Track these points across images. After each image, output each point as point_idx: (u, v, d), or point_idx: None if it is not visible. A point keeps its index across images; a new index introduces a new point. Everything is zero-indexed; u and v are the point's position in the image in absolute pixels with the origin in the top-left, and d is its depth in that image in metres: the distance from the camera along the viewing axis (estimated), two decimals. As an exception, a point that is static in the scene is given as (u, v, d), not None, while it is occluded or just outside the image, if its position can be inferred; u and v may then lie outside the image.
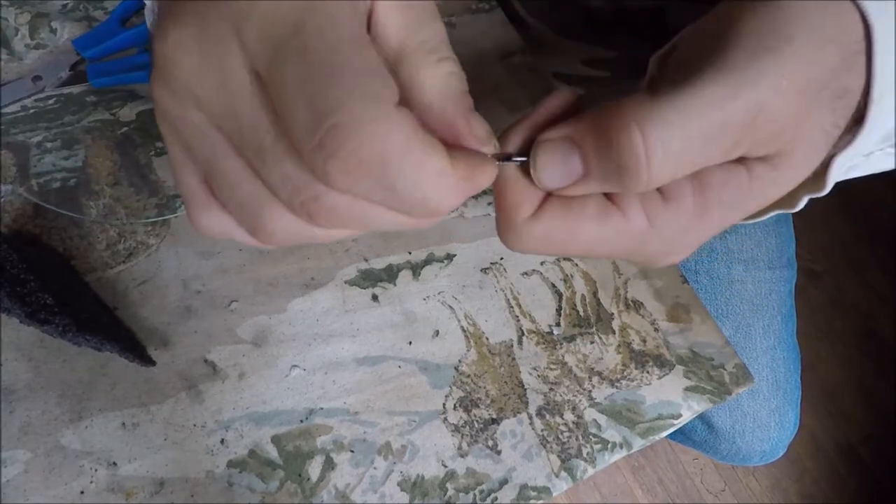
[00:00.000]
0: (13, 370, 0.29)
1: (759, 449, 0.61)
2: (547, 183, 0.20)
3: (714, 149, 0.18)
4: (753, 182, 0.19)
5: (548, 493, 0.30)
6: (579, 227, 0.20)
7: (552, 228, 0.20)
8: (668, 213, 0.20)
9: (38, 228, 0.32)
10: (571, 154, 0.19)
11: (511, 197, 0.21)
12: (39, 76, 0.35)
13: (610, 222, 0.20)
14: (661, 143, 0.17)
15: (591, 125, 0.19)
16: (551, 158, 0.19)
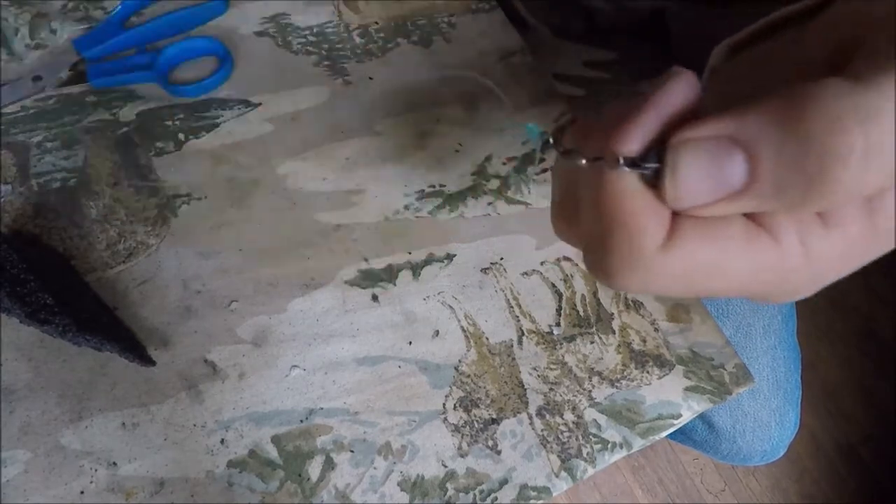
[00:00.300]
0: (13, 370, 0.29)
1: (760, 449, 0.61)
2: (690, 197, 0.15)
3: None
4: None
5: (548, 493, 0.30)
6: (727, 259, 0.16)
7: (695, 260, 0.15)
8: (828, 241, 0.15)
9: (38, 228, 0.32)
10: (732, 158, 0.14)
11: (638, 219, 0.15)
12: (39, 76, 0.35)
13: (760, 251, 0.15)
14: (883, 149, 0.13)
15: (770, 118, 0.14)
16: (703, 163, 0.14)
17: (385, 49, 0.40)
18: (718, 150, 0.14)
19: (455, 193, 0.36)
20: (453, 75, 0.38)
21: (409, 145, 0.37)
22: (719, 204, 0.15)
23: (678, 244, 0.15)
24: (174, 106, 0.36)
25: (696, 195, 0.14)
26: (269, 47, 0.39)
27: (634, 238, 0.15)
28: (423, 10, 0.42)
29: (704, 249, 0.15)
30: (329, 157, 0.36)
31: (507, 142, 0.38)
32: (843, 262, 0.16)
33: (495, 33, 0.42)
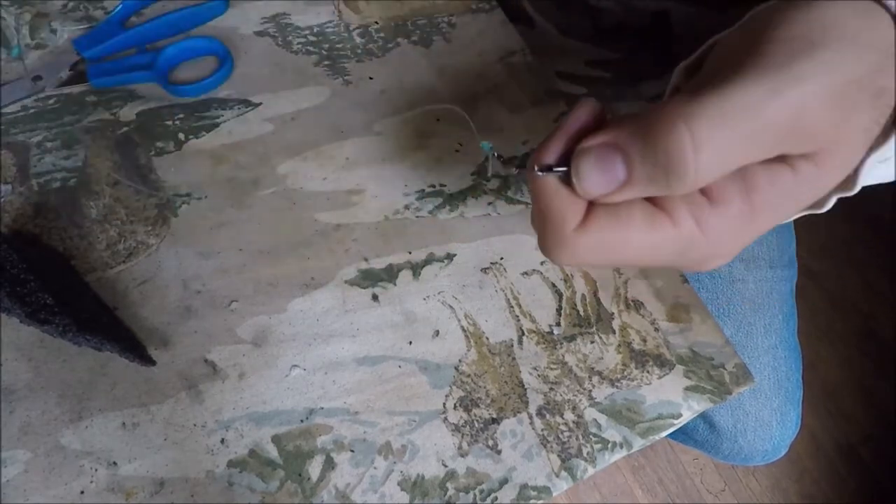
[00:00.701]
0: (13, 370, 0.29)
1: (762, 448, 0.61)
2: (591, 190, 0.20)
3: (757, 147, 0.18)
4: (798, 181, 0.19)
5: (548, 492, 0.30)
6: (629, 235, 0.20)
7: (603, 238, 0.20)
8: (717, 216, 0.20)
9: (38, 228, 0.32)
10: (614, 159, 0.19)
11: (557, 209, 0.21)
12: (39, 76, 0.35)
13: (659, 228, 0.20)
14: (708, 141, 0.17)
15: (634, 128, 0.19)
16: (594, 165, 0.19)
17: (385, 49, 0.40)
18: (605, 154, 0.19)
19: (455, 193, 0.36)
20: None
21: (409, 145, 0.37)
22: (615, 193, 0.20)
23: (590, 226, 0.20)
24: (174, 106, 0.36)
25: (595, 187, 0.20)
26: (269, 47, 0.39)
27: (556, 223, 0.21)
28: (423, 10, 0.42)
29: (611, 228, 0.20)
30: (329, 157, 0.36)
31: (507, 142, 0.38)
32: (734, 234, 0.20)
33: (495, 33, 0.42)
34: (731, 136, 0.17)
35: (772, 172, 0.20)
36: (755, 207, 0.20)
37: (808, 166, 0.19)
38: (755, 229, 0.20)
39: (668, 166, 0.18)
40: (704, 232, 0.20)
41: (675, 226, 0.20)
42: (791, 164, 0.20)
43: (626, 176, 0.19)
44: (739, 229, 0.20)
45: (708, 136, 0.17)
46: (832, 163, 0.20)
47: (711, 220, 0.20)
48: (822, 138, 0.19)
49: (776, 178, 0.20)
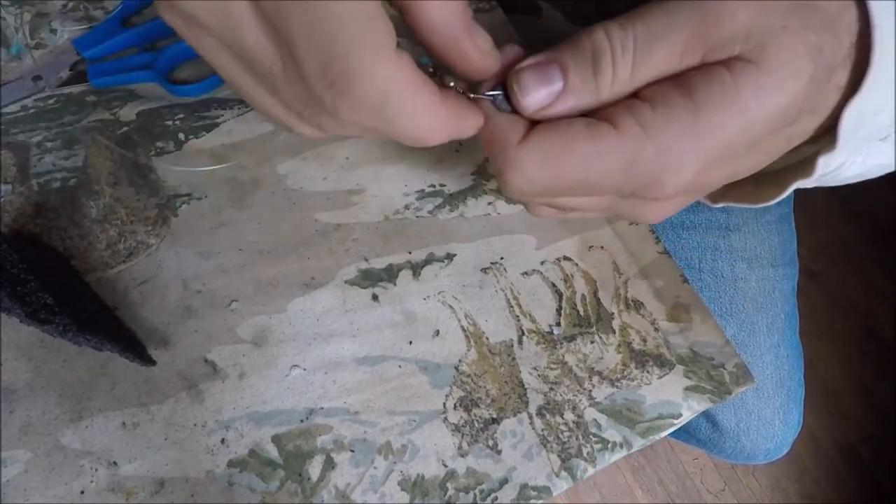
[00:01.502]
0: (13, 370, 0.29)
1: (764, 447, 0.61)
2: (532, 103, 0.21)
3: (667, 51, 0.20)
4: (738, 81, 0.19)
5: (548, 492, 0.30)
6: (573, 144, 0.20)
7: (545, 149, 0.20)
8: (660, 117, 0.20)
9: (38, 228, 0.32)
10: (551, 69, 0.20)
11: (500, 126, 0.21)
12: (39, 76, 0.35)
13: (602, 135, 0.20)
14: (621, 41, 0.20)
15: (565, 43, 0.21)
16: (533, 77, 0.20)
17: (385, 49, 0.40)
18: (543, 66, 0.21)
19: (455, 193, 0.36)
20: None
21: (409, 145, 0.37)
22: (554, 104, 0.21)
23: (531, 139, 0.21)
24: (174, 105, 0.36)
25: (536, 99, 0.20)
26: (268, 47, 0.39)
27: (500, 142, 0.21)
28: (423, 9, 0.42)
29: (552, 138, 0.20)
30: (329, 157, 0.36)
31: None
32: (681, 138, 0.20)
33: (495, 33, 0.42)
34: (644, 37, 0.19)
35: (708, 75, 0.19)
36: (698, 106, 0.19)
37: (744, 67, 0.19)
38: (703, 133, 0.20)
39: (595, 65, 0.20)
40: (649, 135, 0.20)
41: (619, 130, 0.20)
42: (727, 66, 0.19)
43: (563, 84, 0.20)
44: (687, 133, 0.20)
45: (622, 37, 0.20)
46: (771, 67, 0.19)
47: (655, 121, 0.20)
48: (736, 39, 0.19)
49: (712, 76, 0.19)
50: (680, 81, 0.20)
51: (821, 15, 0.19)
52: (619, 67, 0.20)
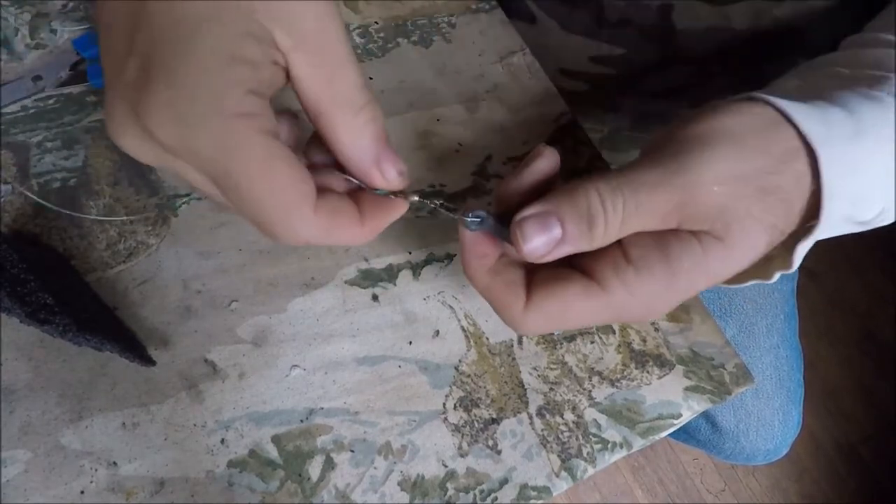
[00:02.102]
0: (13, 370, 0.29)
1: (764, 448, 0.61)
2: (535, 250, 0.24)
3: (649, 216, 0.23)
4: (707, 252, 0.23)
5: (548, 492, 0.30)
6: (569, 306, 0.24)
7: (548, 312, 0.25)
8: (642, 281, 0.24)
9: (38, 228, 0.32)
10: (551, 220, 0.24)
11: (503, 300, 0.25)
12: (39, 76, 0.35)
13: (594, 296, 0.24)
14: (612, 203, 0.23)
15: (562, 196, 0.24)
16: (536, 228, 0.24)
17: (385, 49, 0.40)
18: (545, 218, 0.24)
19: (455, 193, 0.36)
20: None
21: (409, 145, 0.37)
22: (554, 250, 0.24)
23: (533, 306, 0.25)
24: (174, 106, 0.36)
25: (539, 246, 0.24)
26: (269, 47, 0.39)
27: (506, 310, 0.26)
28: (423, 10, 0.42)
29: (553, 304, 0.24)
30: (329, 157, 0.36)
31: (507, 142, 0.38)
32: (658, 295, 0.24)
33: (495, 33, 0.42)
34: (627, 203, 0.23)
35: (683, 243, 0.24)
36: (674, 272, 0.23)
37: (711, 241, 0.23)
38: (678, 290, 0.24)
39: (589, 220, 0.23)
40: (634, 295, 0.24)
41: (608, 294, 0.24)
42: (699, 238, 0.23)
43: (562, 234, 0.23)
44: (663, 291, 0.24)
45: (612, 199, 0.23)
46: (734, 244, 0.23)
47: (638, 284, 0.24)
48: (707, 218, 0.23)
49: (687, 248, 0.23)
50: (659, 247, 0.24)
51: (780, 198, 0.24)
52: (610, 224, 0.23)
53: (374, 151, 0.22)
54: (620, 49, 0.47)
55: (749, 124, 0.24)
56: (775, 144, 0.24)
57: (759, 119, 0.24)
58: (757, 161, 0.23)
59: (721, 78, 0.48)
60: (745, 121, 0.24)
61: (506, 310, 0.26)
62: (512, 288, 0.25)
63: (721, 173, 0.23)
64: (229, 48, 0.19)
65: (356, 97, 0.21)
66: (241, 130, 0.19)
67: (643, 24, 0.44)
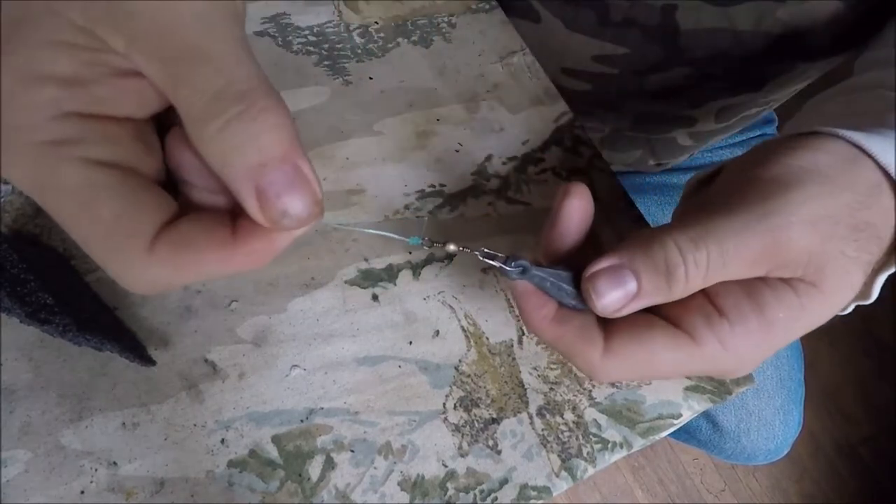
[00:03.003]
0: (13, 370, 0.29)
1: (764, 448, 0.61)
2: (609, 305, 0.23)
3: (737, 265, 0.22)
4: (802, 300, 0.22)
5: (548, 492, 0.30)
6: (654, 355, 0.23)
7: (631, 362, 0.23)
8: (737, 334, 0.22)
9: (38, 228, 0.32)
10: (625, 275, 0.22)
11: (579, 349, 0.24)
12: (39, 76, 0.35)
13: (683, 347, 0.23)
14: (695, 258, 0.22)
15: (636, 247, 0.23)
16: (609, 283, 0.22)
17: (385, 49, 0.40)
18: (618, 273, 0.22)
19: (455, 193, 0.36)
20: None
21: (409, 145, 0.37)
22: (629, 304, 0.23)
23: (615, 351, 0.23)
24: (174, 106, 0.36)
25: (613, 302, 0.22)
26: (269, 47, 0.39)
27: (581, 357, 0.24)
28: (423, 10, 0.42)
29: (638, 352, 0.23)
30: (329, 157, 0.36)
31: (507, 142, 0.38)
32: (754, 348, 0.23)
33: (495, 33, 0.42)
34: (712, 255, 0.22)
35: (777, 292, 0.22)
36: (770, 322, 0.22)
37: (807, 288, 0.22)
38: (773, 343, 0.23)
39: (668, 276, 0.22)
40: (728, 349, 0.22)
41: (699, 345, 0.23)
42: (792, 286, 0.22)
43: (637, 289, 0.22)
44: (759, 345, 0.23)
45: (694, 254, 0.22)
46: (830, 288, 0.22)
47: (732, 338, 0.22)
48: (802, 263, 0.22)
49: (781, 297, 0.22)
50: (752, 296, 0.23)
51: (872, 232, 0.23)
52: (691, 278, 0.22)
53: (245, 171, 0.16)
54: (624, 49, 0.47)
55: (829, 162, 0.23)
56: (860, 180, 0.23)
57: (837, 156, 0.23)
58: (845, 199, 0.22)
59: (722, 79, 0.48)
60: (824, 158, 0.23)
61: (581, 356, 0.24)
62: (586, 334, 0.24)
63: (811, 213, 0.22)
64: (31, 65, 0.16)
65: (212, 101, 0.16)
66: (49, 161, 0.16)
67: (647, 24, 0.44)
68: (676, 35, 0.44)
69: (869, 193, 0.23)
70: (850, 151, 0.23)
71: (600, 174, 0.38)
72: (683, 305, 0.24)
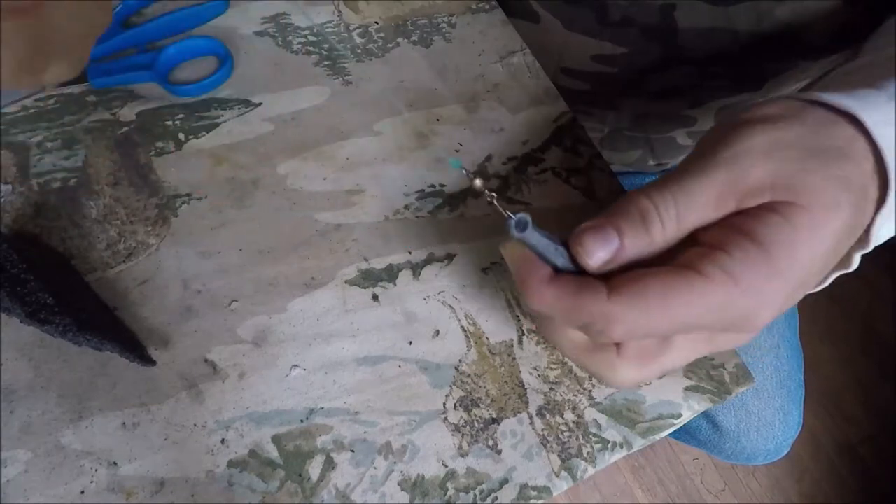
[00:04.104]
0: (13, 370, 0.29)
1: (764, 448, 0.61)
2: (596, 261, 0.23)
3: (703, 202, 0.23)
4: (789, 218, 0.22)
5: (548, 492, 0.30)
6: (670, 292, 0.22)
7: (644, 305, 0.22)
8: (739, 263, 0.22)
9: (38, 228, 0.32)
10: (608, 230, 0.23)
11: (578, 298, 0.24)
12: (39, 76, 0.35)
13: (694, 282, 0.22)
14: (663, 202, 0.23)
15: (613, 208, 0.24)
16: (594, 239, 0.23)
17: (385, 49, 0.40)
18: (602, 229, 0.24)
19: (455, 193, 0.36)
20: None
21: (409, 145, 0.37)
22: (615, 259, 0.23)
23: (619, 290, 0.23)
24: (174, 106, 0.36)
25: (599, 256, 0.23)
26: (269, 47, 0.39)
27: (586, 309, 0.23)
28: (423, 10, 0.42)
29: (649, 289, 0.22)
30: (329, 157, 0.36)
31: (507, 142, 0.38)
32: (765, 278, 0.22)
33: (495, 33, 0.42)
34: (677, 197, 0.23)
35: (758, 217, 0.22)
36: (766, 246, 0.22)
37: (787, 206, 0.22)
38: (780, 271, 0.22)
39: (643, 221, 0.23)
40: (735, 278, 0.22)
41: (707, 277, 0.22)
42: (771, 208, 0.22)
43: (619, 241, 0.23)
44: (767, 273, 0.22)
45: (661, 197, 0.23)
46: (809, 202, 0.22)
47: (736, 266, 0.22)
48: (764, 188, 0.22)
49: (765, 219, 0.22)
50: (741, 230, 0.22)
51: (834, 152, 0.23)
52: (665, 220, 0.23)
53: None
54: (623, 48, 0.47)
55: (778, 110, 0.24)
56: (810, 116, 0.24)
57: (787, 107, 0.24)
58: (796, 130, 0.23)
59: (721, 78, 0.48)
60: (773, 108, 0.24)
61: (586, 307, 0.23)
62: (586, 284, 0.23)
63: (762, 144, 0.23)
64: None
65: None
66: None
67: (646, 23, 0.44)
68: (675, 34, 0.44)
69: (821, 124, 0.23)
70: (801, 103, 0.24)
71: (600, 174, 0.38)
72: (684, 255, 0.23)
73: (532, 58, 0.41)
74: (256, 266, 0.33)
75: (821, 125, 0.23)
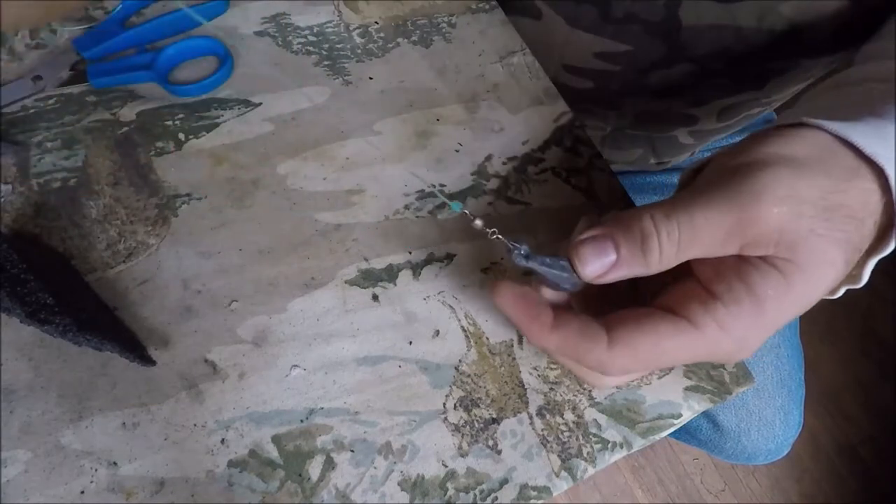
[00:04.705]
0: (13, 370, 0.29)
1: (765, 448, 0.61)
2: (590, 272, 0.24)
3: (708, 239, 0.23)
4: (786, 276, 0.23)
5: (548, 492, 0.30)
6: (660, 343, 0.24)
7: (637, 351, 0.24)
8: (731, 315, 0.23)
9: (38, 228, 0.32)
10: (606, 244, 0.24)
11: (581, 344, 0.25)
12: (39, 76, 0.35)
13: (685, 334, 0.24)
14: (667, 229, 0.23)
15: (616, 222, 0.24)
16: (591, 251, 0.24)
17: (385, 49, 0.40)
18: (599, 241, 0.24)
19: (455, 193, 0.36)
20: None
21: (409, 145, 0.37)
22: (609, 272, 0.24)
23: (620, 342, 0.24)
24: (174, 106, 0.36)
25: (594, 268, 0.24)
26: (269, 47, 0.39)
27: (589, 354, 0.25)
28: (423, 10, 0.42)
29: (643, 340, 0.24)
30: (329, 157, 0.36)
31: (507, 142, 0.38)
32: (750, 328, 0.24)
33: (495, 33, 0.42)
34: (682, 227, 0.23)
35: (762, 271, 0.23)
36: (760, 300, 0.23)
37: (787, 265, 0.23)
38: (766, 322, 0.24)
39: (643, 245, 0.23)
40: (726, 330, 0.23)
41: (698, 328, 0.24)
42: (773, 264, 0.23)
43: (617, 258, 0.24)
44: (754, 324, 0.24)
45: (665, 224, 0.23)
46: (806, 264, 0.23)
47: (728, 318, 0.23)
48: (770, 240, 0.23)
49: (766, 275, 0.23)
50: (739, 276, 0.24)
51: (847, 215, 0.23)
52: (665, 248, 0.23)
53: None
54: (626, 45, 0.47)
55: (805, 150, 0.24)
56: (835, 167, 0.23)
57: (815, 146, 0.24)
58: (818, 182, 0.23)
59: (724, 77, 0.48)
60: (801, 147, 0.24)
61: (587, 354, 0.25)
62: (588, 331, 0.25)
63: (779, 194, 0.23)
64: None
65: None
66: None
67: (649, 20, 0.44)
68: (678, 31, 0.44)
69: (845, 178, 0.23)
70: (829, 141, 0.24)
71: (600, 174, 0.38)
72: (681, 296, 0.25)
73: (532, 58, 0.41)
74: (256, 266, 0.33)
75: (843, 180, 0.23)
